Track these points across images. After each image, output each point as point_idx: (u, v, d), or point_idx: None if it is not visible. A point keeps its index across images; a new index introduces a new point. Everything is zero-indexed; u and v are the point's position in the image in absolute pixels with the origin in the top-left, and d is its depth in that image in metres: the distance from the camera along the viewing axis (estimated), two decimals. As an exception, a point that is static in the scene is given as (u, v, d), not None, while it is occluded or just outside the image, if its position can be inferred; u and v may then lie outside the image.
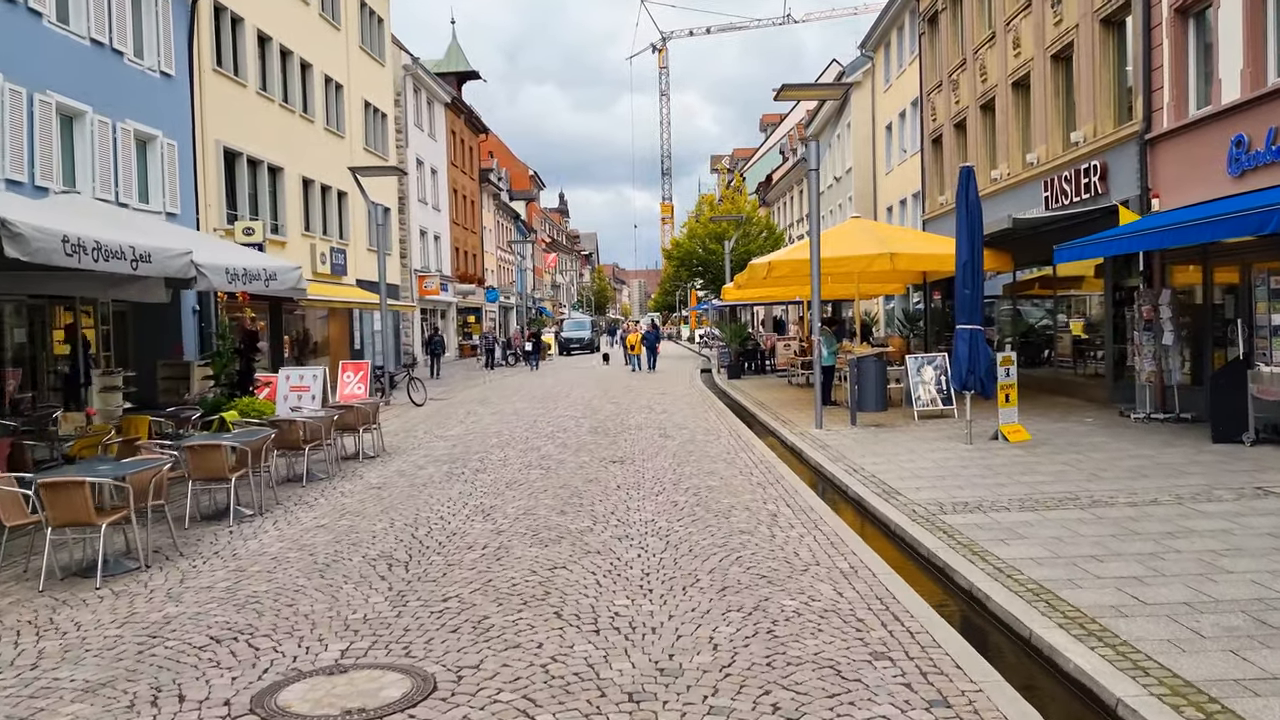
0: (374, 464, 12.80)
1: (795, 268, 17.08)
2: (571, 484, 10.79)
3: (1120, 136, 16.39)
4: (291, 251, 27.17)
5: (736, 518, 8.85)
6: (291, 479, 11.58)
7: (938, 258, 17.19)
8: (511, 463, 12.56)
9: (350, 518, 9.24)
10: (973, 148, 24.32)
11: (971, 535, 7.85)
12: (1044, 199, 19.03)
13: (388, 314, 35.34)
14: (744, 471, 11.55)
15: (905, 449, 12.79)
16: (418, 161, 42.15)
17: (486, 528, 8.59)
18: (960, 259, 13.04)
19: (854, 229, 18.32)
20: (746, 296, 27.14)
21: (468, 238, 52.16)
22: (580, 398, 23.16)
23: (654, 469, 11.80)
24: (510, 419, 18.41)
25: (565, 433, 15.87)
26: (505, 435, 15.70)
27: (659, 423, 17.11)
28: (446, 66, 51.50)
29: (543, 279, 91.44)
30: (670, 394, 23.90)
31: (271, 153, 25.96)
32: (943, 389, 16.22)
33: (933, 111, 27.91)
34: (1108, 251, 13.51)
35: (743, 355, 30.53)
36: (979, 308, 13.06)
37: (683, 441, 14.44)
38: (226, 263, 11.00)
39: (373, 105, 34.62)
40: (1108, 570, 6.66)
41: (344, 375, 21.37)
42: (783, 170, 58.74)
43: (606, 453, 13.32)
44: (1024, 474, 10.53)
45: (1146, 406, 14.62)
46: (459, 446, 14.41)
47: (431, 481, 11.21)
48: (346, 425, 13.12)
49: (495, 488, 10.66)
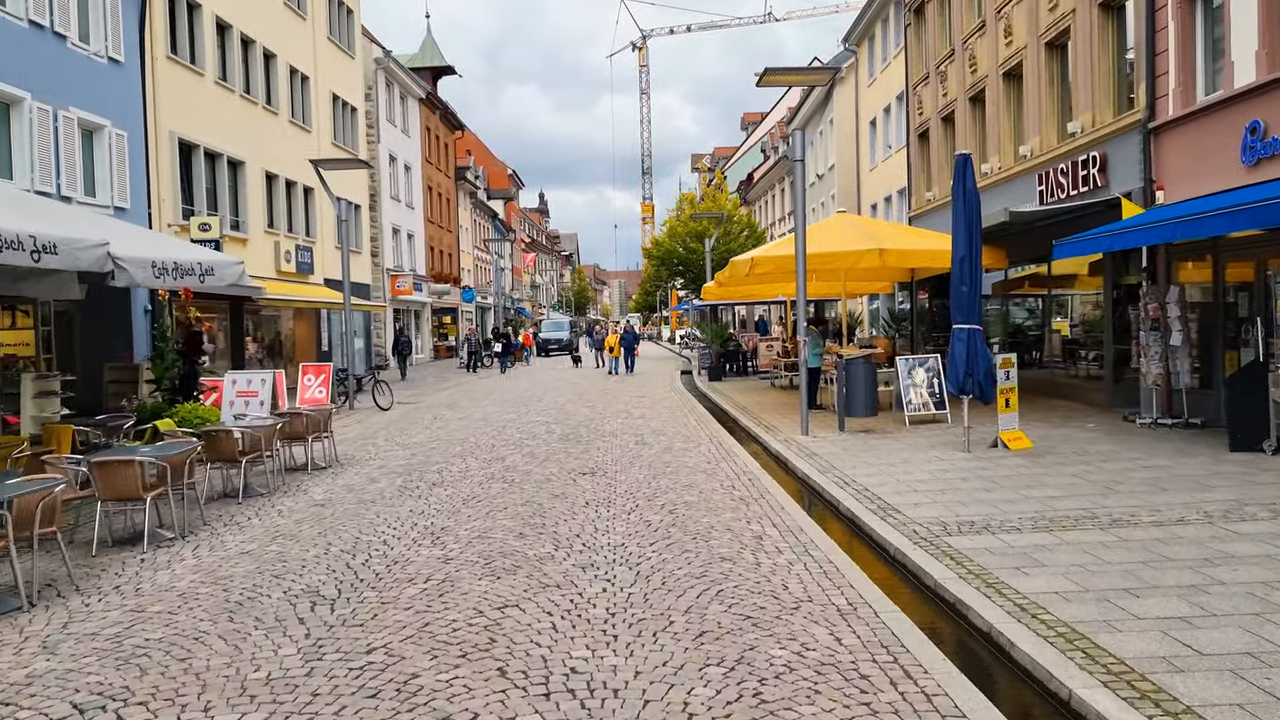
0: (323, 476, 11.75)
1: (779, 264, 16.14)
2: (535, 500, 9.78)
3: (1121, 126, 15.54)
4: (254, 249, 26.01)
5: (717, 541, 7.87)
6: (229, 494, 10.51)
7: (928, 254, 16.31)
8: (473, 475, 11.54)
9: (283, 541, 8.20)
10: (961, 142, 23.45)
11: (983, 562, 6.91)
12: (1038, 193, 18.17)
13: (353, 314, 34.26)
14: (725, 484, 10.58)
15: (899, 458, 11.86)
16: (390, 157, 41.00)
17: (434, 555, 7.57)
18: (957, 253, 12.13)
19: (840, 224, 17.41)
20: (728, 295, 26.18)
21: (443, 236, 51.01)
22: (554, 401, 22.14)
23: (627, 482, 10.81)
24: (478, 425, 17.38)
25: (535, 440, 14.86)
26: (470, 443, 14.67)
27: (635, 429, 16.13)
28: (421, 61, 50.33)
29: (522, 279, 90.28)
30: (648, 397, 22.92)
31: (232, 145, 24.80)
32: (935, 392, 15.32)
33: (919, 105, 27.06)
34: (1112, 246, 12.64)
35: (724, 357, 29.60)
36: (978, 306, 12.15)
37: (660, 450, 13.46)
38: (152, 255, 9.92)
39: (341, 98, 33.46)
40: (1147, 608, 5.73)
41: (304, 378, 20.28)
42: (764, 169, 57.91)
43: (577, 463, 12.32)
44: (1031, 487, 9.61)
45: (1153, 411, 13.76)
46: (418, 456, 13.37)
47: (381, 497, 10.17)
48: (293, 434, 12.06)
49: (451, 505, 9.64)
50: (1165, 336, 13.42)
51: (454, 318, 53.59)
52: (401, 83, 42.64)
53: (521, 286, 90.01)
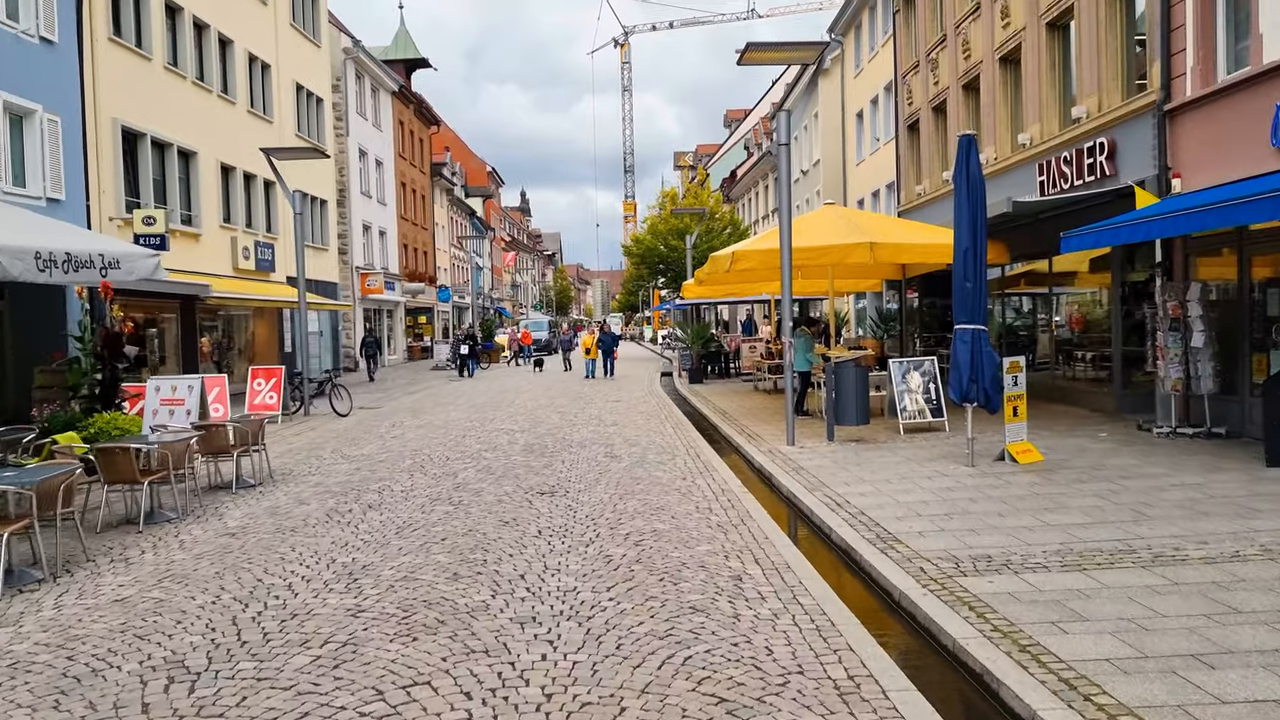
0: (247, 497, 10.39)
1: (763, 259, 14.87)
2: (481, 528, 8.47)
3: (1131, 110, 14.36)
4: (208, 245, 24.57)
5: (689, 584, 6.59)
6: (131, 521, 9.15)
7: (923, 248, 15.10)
8: (417, 494, 10.21)
9: (169, 585, 6.85)
10: (955, 131, 22.26)
11: (1010, 614, 5.66)
12: (1039, 184, 16.99)
13: (320, 314, 32.83)
14: (702, 506, 9.29)
15: (895, 473, 10.61)
16: (360, 152, 39.54)
17: (344, 604, 6.25)
18: (960, 246, 10.89)
19: (828, 217, 16.17)
20: (709, 294, 24.90)
21: (418, 234, 49.54)
22: (524, 406, 20.81)
23: (590, 504, 9.51)
24: (437, 433, 16.03)
25: (495, 451, 13.53)
26: (424, 455, 13.34)
27: (606, 438, 14.83)
28: (394, 53, 48.85)
29: (502, 278, 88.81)
30: (624, 401, 21.62)
31: (183, 135, 23.34)
32: (932, 398, 14.10)
33: (909, 95, 25.88)
34: (1131, 238, 11.44)
35: (705, 358, 28.33)
36: (983, 304, 10.91)
37: (631, 463, 12.16)
38: (37, 245, 8.57)
39: (306, 89, 32.00)
40: (1232, 687, 4.49)
41: (254, 383, 18.90)
42: (748, 165, 56.71)
43: (537, 479, 11.00)
44: (1050, 510, 8.38)
45: (1171, 419, 12.57)
46: (363, 471, 12.02)
47: (305, 524, 8.83)
48: (215, 449, 10.70)
49: (382, 534, 8.31)
50: (1186, 338, 12.24)
51: (429, 317, 52.14)
52: (372, 74, 41.17)
53: (502, 286, 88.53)
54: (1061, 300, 18.28)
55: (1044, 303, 18.99)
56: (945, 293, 24.68)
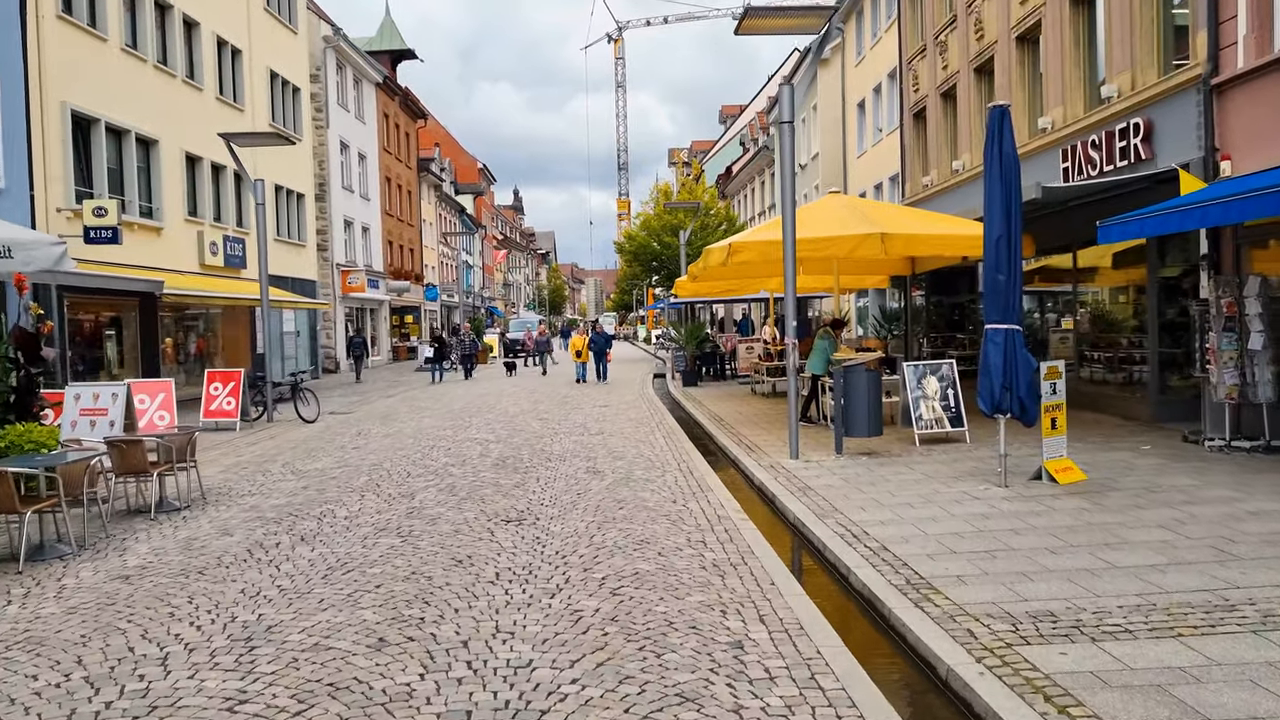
0: (165, 525, 8.94)
1: (763, 251, 13.44)
2: (428, 569, 7.03)
3: (1171, 86, 12.97)
4: (171, 239, 23.10)
5: (677, 655, 5.16)
6: (14, 558, 7.67)
7: (939, 239, 13.69)
8: (362, 523, 8.77)
9: (15, 654, 5.41)
10: (965, 118, 20.89)
11: (1104, 709, 4.24)
12: (1063, 171, 15.61)
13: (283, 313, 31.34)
14: (694, 540, 7.86)
15: (917, 495, 9.20)
16: (342, 145, 38.05)
17: (225, 688, 4.81)
18: (991, 233, 9.47)
19: (834, 206, 14.75)
20: (704, 290, 23.45)
21: (403, 231, 48.04)
22: (505, 412, 19.37)
23: (563, 535, 8.07)
24: (405, 443, 14.59)
25: (463, 466, 12.09)
26: (383, 470, 11.90)
27: (590, 450, 13.40)
28: (379, 44, 47.34)
29: (494, 277, 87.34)
30: (613, 406, 20.19)
31: (142, 122, 21.87)
32: (951, 406, 12.69)
33: (915, 81, 24.49)
34: (1182, 226, 10.03)
35: (700, 359, 26.90)
36: (1018, 300, 9.49)
37: (615, 481, 10.73)
38: (-108, 229, 7.12)
39: (281, 77, 30.51)
40: None
41: (210, 387, 17.44)
42: (743, 161, 55.32)
43: (504, 503, 9.56)
44: (1111, 546, 6.97)
45: (1224, 431, 11.17)
46: (309, 490, 10.57)
47: (219, 563, 7.38)
48: (131, 468, 9.25)
49: (307, 578, 6.87)
50: (1242, 339, 10.84)
51: (416, 316, 50.66)
52: (355, 65, 39.66)
53: (493, 285, 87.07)
54: (1087, 297, 16.88)
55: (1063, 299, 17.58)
56: (953, 289, 23.32)
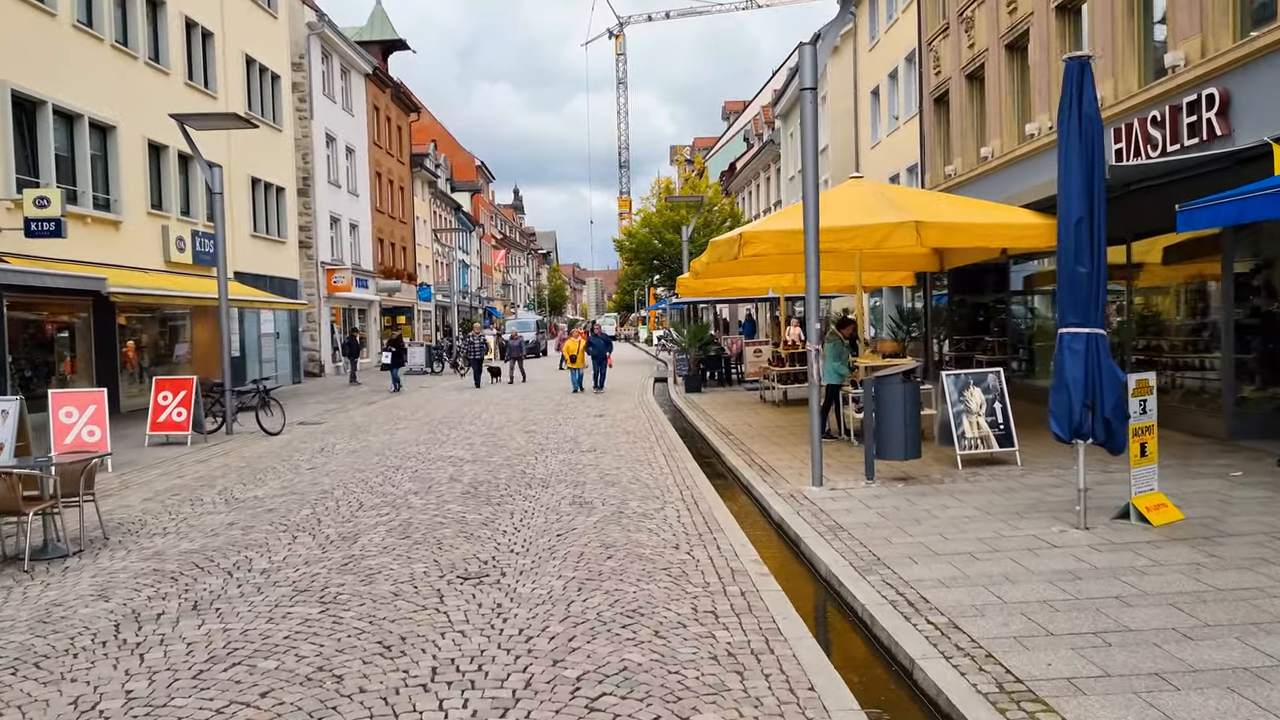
0: (39, 579, 7.14)
1: (778, 242, 11.60)
2: (343, 659, 5.22)
3: (1252, 50, 11.15)
4: (131, 234, 21.33)
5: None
6: None
7: (981, 229, 11.86)
8: (280, 580, 6.96)
9: None
10: (994, 100, 19.08)
11: None
12: (1115, 152, 13.79)
13: (276, 314, 29.55)
14: (702, 609, 6.06)
15: (978, 538, 7.40)
16: (328, 137, 36.26)
17: None
18: (1069, 216, 7.66)
19: (857, 193, 12.94)
20: (708, 289, 21.55)
21: (395, 228, 46.23)
22: (489, 423, 17.56)
23: (531, 601, 6.27)
24: (368, 462, 12.80)
25: (427, 494, 10.28)
26: (331, 500, 10.10)
27: (579, 472, 11.59)
28: (369, 34, 45.54)
29: (492, 277, 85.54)
30: (608, 416, 18.38)
31: (98, 106, 20.09)
32: (999, 422, 10.88)
33: (935, 64, 22.66)
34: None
35: (704, 363, 25.10)
36: (1102, 299, 7.68)
37: (605, 517, 8.92)
38: None
39: (259, 63, 28.70)
40: None
41: (159, 396, 15.64)
42: (748, 157, 53.51)
43: (465, 549, 7.76)
44: (1262, 628, 5.18)
45: (1334, 455, 9.35)
46: (235, 529, 8.77)
47: (72, 646, 5.58)
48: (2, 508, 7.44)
49: (172, 676, 5.06)
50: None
51: (409, 317, 48.85)
52: (342, 54, 37.85)
53: (492, 284, 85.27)
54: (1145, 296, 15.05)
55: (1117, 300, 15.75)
56: (978, 287, 21.44)
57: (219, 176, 17.01)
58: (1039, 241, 11.79)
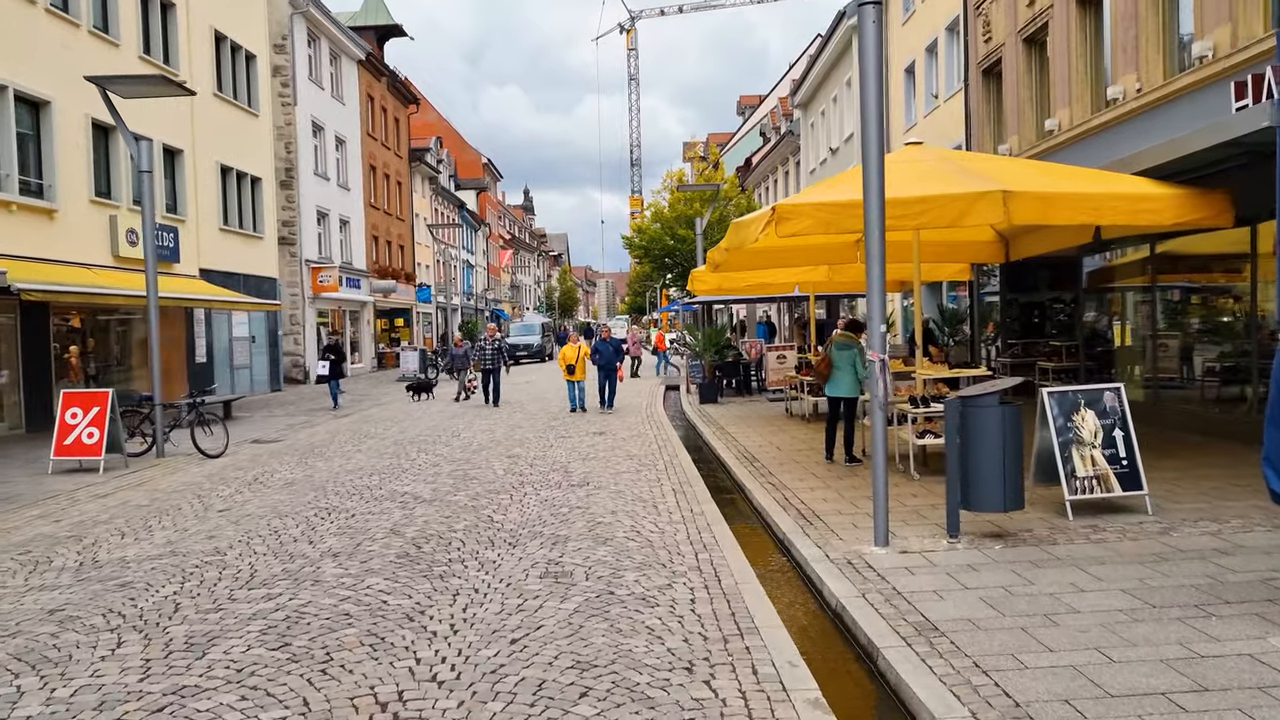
0: None
1: (824, 218, 8.80)
2: None
3: None
4: (71, 224, 18.79)
5: None
6: None
7: (1091, 201, 9.01)
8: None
9: None
10: (1062, 63, 16.29)
11: None
12: (1235, 109, 11.00)
13: (251, 316, 26.98)
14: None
15: (1152, 655, 4.68)
16: (315, 126, 33.72)
17: None
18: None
19: (920, 160, 10.19)
20: (726, 286, 18.73)
21: (391, 225, 43.67)
22: (468, 444, 14.88)
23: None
24: (299, 502, 10.12)
25: (347, 560, 7.56)
26: (209, 574, 7.41)
27: (563, 520, 8.88)
28: (363, 19, 43.05)
29: (500, 279, 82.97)
30: (610, 434, 15.67)
31: (28, 79, 17.61)
32: (1121, 456, 8.12)
33: (986, 30, 19.89)
34: None
35: (720, 370, 22.37)
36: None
37: (586, 601, 6.21)
38: None
39: (231, 40, 26.15)
40: None
41: (66, 414, 13.01)
42: (764, 151, 50.77)
43: (362, 674, 5.05)
44: None
45: None
46: (49, 622, 6.12)
47: None
48: None
49: None
50: None
51: (407, 319, 46.27)
52: (331, 37, 35.31)
53: (499, 286, 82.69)
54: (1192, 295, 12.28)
55: (1235, 292, 12.95)
56: (1030, 285, 18.62)
57: (146, 152, 14.40)
58: (1162, 217, 9.06)
